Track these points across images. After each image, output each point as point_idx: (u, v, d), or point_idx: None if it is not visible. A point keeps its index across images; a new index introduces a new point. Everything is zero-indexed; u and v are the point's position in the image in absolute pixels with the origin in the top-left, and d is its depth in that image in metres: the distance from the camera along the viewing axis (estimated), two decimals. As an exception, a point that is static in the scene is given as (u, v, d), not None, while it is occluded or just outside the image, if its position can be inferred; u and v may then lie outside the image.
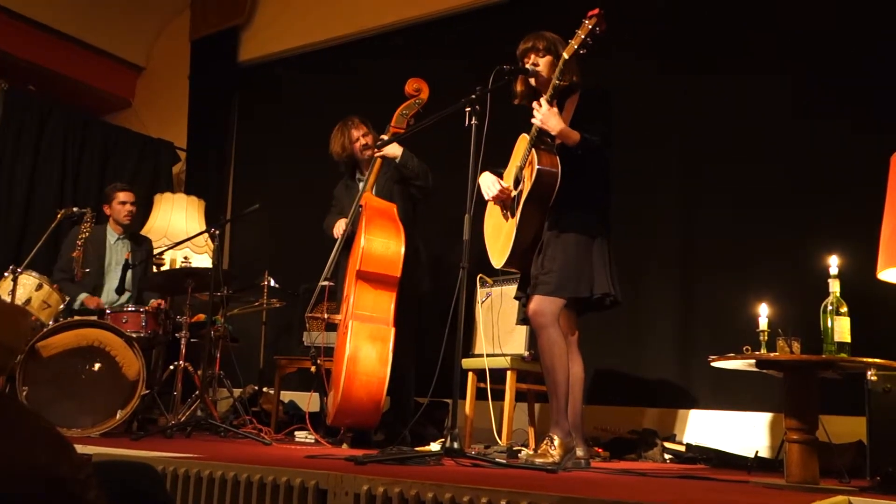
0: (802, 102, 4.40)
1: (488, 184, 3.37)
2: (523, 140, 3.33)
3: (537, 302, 3.13)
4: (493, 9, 5.68)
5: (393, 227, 4.03)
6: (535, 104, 3.17)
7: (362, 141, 4.50)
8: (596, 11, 3.09)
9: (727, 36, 4.75)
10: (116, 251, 5.22)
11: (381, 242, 3.96)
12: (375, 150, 4.37)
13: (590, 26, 3.08)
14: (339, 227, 4.43)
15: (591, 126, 3.17)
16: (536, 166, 3.13)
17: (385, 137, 4.27)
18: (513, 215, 3.28)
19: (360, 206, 4.20)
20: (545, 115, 3.12)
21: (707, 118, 4.72)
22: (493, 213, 3.50)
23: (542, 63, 3.30)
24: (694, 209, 4.71)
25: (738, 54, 4.68)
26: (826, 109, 4.32)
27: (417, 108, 4.36)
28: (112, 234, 5.25)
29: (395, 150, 4.35)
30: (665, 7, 5.03)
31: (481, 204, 3.36)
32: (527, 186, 3.17)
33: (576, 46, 3.12)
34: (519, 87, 3.40)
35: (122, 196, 5.22)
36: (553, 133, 3.13)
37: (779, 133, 4.46)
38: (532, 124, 3.19)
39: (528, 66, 3.30)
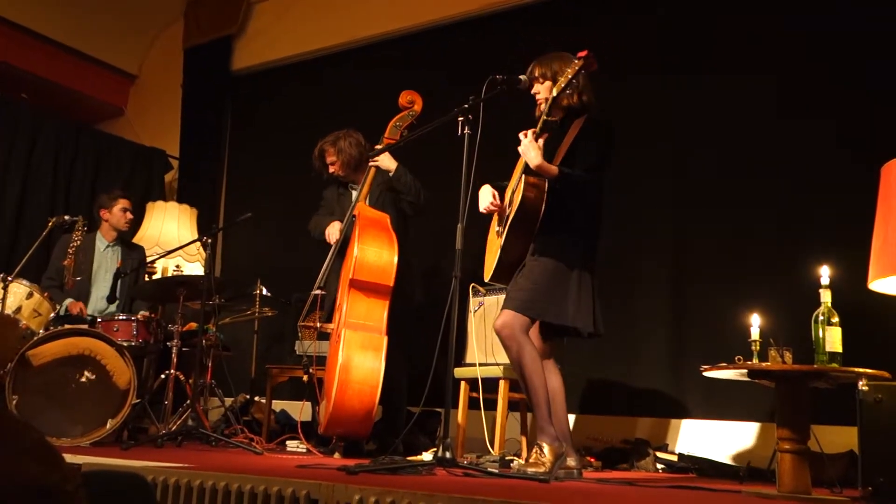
0: (794, 112, 4.42)
1: (484, 196, 3.41)
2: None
3: (504, 316, 3.14)
4: (486, 19, 5.70)
5: (386, 237, 4.04)
6: (521, 134, 3.19)
7: (336, 166, 4.54)
8: (584, 53, 3.10)
9: (716, 48, 4.78)
10: (106, 258, 5.20)
11: (375, 252, 3.96)
12: (369, 159, 4.39)
13: (577, 67, 3.10)
14: (332, 231, 4.43)
15: (582, 158, 3.18)
16: (521, 192, 3.15)
17: (378, 147, 4.29)
18: (501, 235, 3.31)
19: (354, 215, 4.20)
20: (525, 148, 3.15)
21: (698, 128, 4.74)
22: (493, 227, 3.53)
23: (542, 90, 3.31)
24: (686, 219, 4.73)
25: (727, 65, 4.70)
26: (818, 119, 4.34)
27: (411, 119, 4.38)
28: (102, 240, 5.23)
29: (389, 163, 4.36)
30: (657, 16, 5.06)
31: (475, 214, 3.37)
32: (513, 210, 3.20)
33: (563, 86, 3.14)
34: (537, 113, 3.40)
35: (123, 203, 5.23)
36: (532, 166, 3.13)
37: (770, 143, 4.48)
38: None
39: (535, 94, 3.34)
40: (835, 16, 4.43)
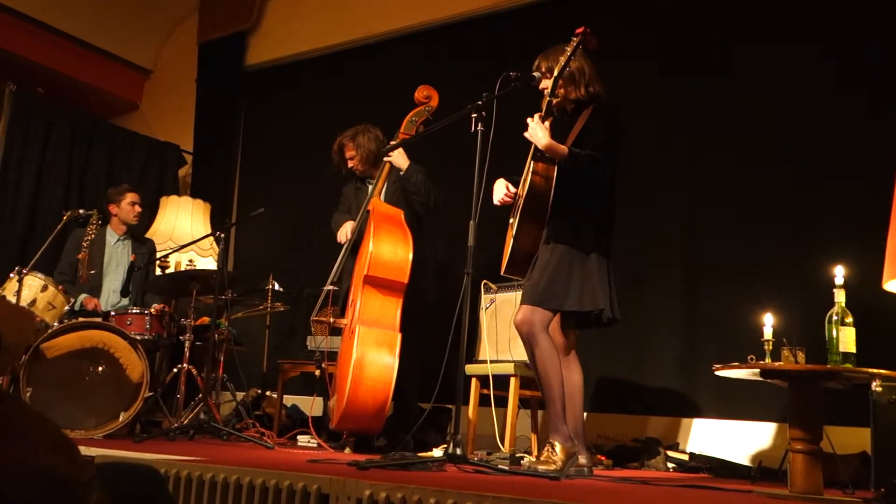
0: (808, 111, 4.39)
1: (498, 189, 3.42)
2: None
3: (524, 311, 3.13)
4: (501, 15, 5.69)
5: (401, 233, 4.03)
6: (528, 119, 3.19)
7: (355, 161, 4.55)
8: (581, 29, 3.14)
9: (729, 42, 4.75)
10: (116, 252, 5.23)
11: (390, 248, 3.96)
12: (384, 154, 4.39)
13: (575, 43, 3.13)
14: (344, 231, 4.44)
15: (591, 140, 3.18)
16: (529, 177, 3.15)
17: (393, 143, 4.29)
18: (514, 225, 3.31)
19: (368, 211, 4.20)
20: (532, 129, 3.15)
21: (712, 126, 4.71)
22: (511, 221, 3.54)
23: (549, 84, 3.30)
24: (698, 217, 4.71)
25: (742, 62, 4.67)
26: (832, 118, 4.31)
27: (427, 115, 4.37)
28: (112, 234, 5.25)
29: (402, 161, 4.35)
30: (667, 8, 5.03)
31: (488, 211, 3.36)
32: (522, 196, 3.20)
33: (563, 63, 3.16)
34: (543, 105, 3.39)
35: (132, 197, 5.25)
36: (540, 147, 3.13)
37: (785, 141, 4.46)
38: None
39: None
40: (844, 9, 4.40)
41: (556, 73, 3.19)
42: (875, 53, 4.26)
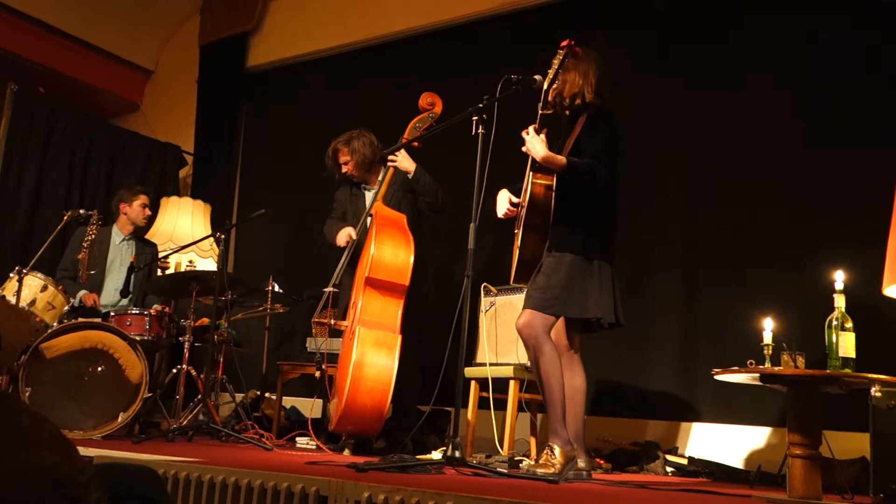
0: (809, 113, 4.40)
1: (501, 202, 3.44)
2: None
3: (526, 315, 3.14)
4: (504, 18, 5.69)
5: (403, 236, 4.04)
6: (523, 132, 3.21)
7: (350, 166, 4.54)
8: (565, 42, 3.19)
9: (731, 50, 4.75)
10: (121, 252, 5.24)
11: (391, 251, 3.97)
12: (387, 158, 4.38)
13: (560, 57, 3.19)
14: (343, 237, 4.44)
15: (588, 147, 3.19)
16: (529, 188, 3.17)
17: (395, 146, 4.29)
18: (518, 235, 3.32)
19: (371, 214, 4.21)
20: (529, 142, 3.17)
21: (712, 130, 4.72)
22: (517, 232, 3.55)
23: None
24: (698, 221, 4.71)
25: (742, 68, 4.67)
26: (832, 123, 4.31)
27: (430, 121, 4.36)
28: (118, 234, 5.26)
29: (409, 164, 4.36)
30: (669, 19, 5.04)
31: (489, 214, 3.37)
32: (523, 208, 3.22)
33: (551, 76, 3.21)
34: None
35: (143, 199, 5.29)
36: (538, 160, 3.14)
37: (785, 145, 4.46)
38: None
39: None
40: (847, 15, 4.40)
41: (544, 87, 3.23)
42: (874, 54, 4.26)
